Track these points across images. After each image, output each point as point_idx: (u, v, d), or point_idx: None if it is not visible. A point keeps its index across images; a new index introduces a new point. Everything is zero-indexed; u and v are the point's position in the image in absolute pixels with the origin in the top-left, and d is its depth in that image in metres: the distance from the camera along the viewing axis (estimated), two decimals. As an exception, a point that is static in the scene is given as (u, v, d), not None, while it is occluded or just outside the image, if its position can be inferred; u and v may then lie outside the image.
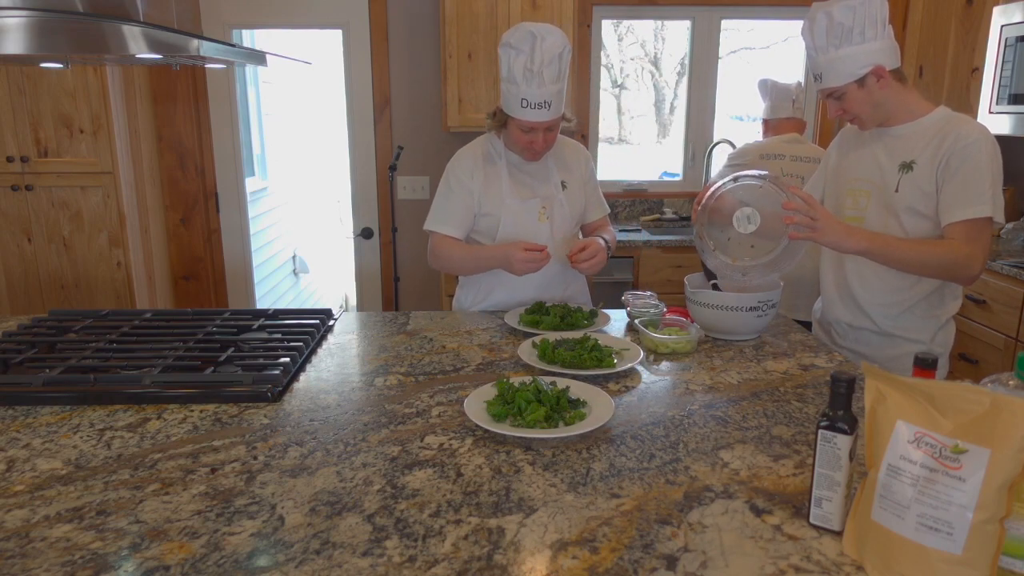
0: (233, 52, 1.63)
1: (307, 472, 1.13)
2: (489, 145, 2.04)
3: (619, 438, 1.25)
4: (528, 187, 2.03)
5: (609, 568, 0.89)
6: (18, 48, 1.28)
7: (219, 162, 3.78)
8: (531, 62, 1.78)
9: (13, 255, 3.19)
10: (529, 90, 1.81)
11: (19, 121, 3.04)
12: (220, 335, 1.74)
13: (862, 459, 0.98)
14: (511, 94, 1.84)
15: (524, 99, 1.82)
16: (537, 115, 1.84)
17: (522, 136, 1.91)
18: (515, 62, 1.80)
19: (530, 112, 1.83)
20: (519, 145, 1.94)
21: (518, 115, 1.86)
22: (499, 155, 2.02)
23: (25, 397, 1.39)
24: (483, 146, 2.04)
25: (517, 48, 1.79)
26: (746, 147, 2.92)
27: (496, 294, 2.08)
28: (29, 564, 0.89)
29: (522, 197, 2.01)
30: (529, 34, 1.77)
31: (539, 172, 2.04)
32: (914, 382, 0.85)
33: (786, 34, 4.05)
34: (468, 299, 2.14)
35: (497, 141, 2.04)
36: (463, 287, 2.17)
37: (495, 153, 2.03)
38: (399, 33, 3.67)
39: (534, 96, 1.81)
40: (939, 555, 0.82)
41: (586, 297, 2.21)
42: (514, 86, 1.83)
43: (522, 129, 1.89)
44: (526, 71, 1.79)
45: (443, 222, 2.00)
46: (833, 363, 1.63)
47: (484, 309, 2.09)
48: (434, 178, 3.81)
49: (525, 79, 1.80)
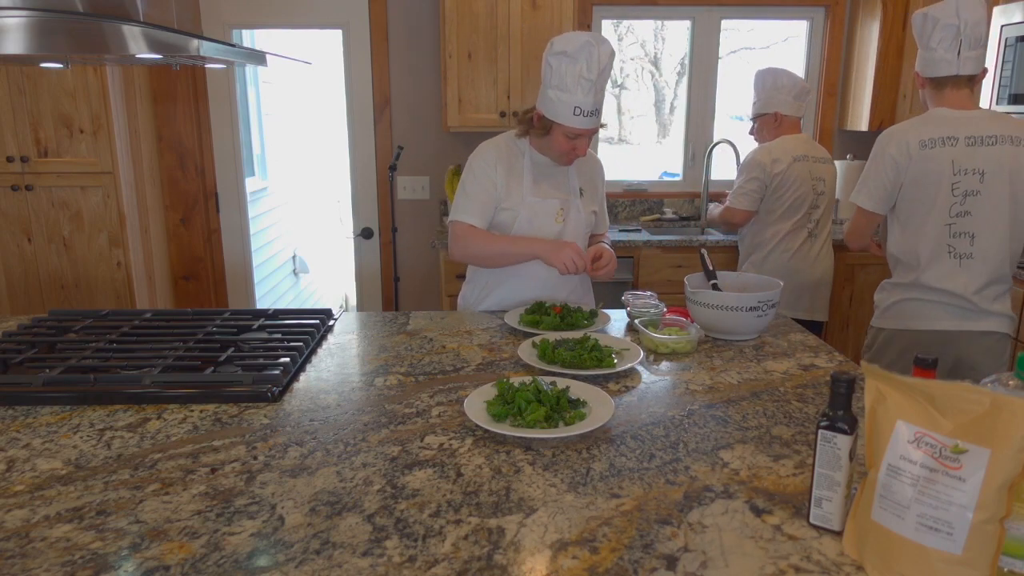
0: (233, 52, 1.63)
1: (307, 472, 1.13)
2: (512, 142, 2.04)
3: (619, 438, 1.25)
4: (548, 187, 2.04)
5: (609, 568, 0.89)
6: (18, 48, 1.28)
7: (219, 162, 3.78)
8: (587, 71, 1.79)
9: (13, 255, 3.19)
10: (585, 98, 1.82)
11: (19, 121, 3.04)
12: (220, 335, 1.74)
13: (862, 459, 0.98)
14: (562, 101, 1.83)
15: (578, 107, 1.83)
16: (588, 122, 1.85)
17: (566, 142, 1.90)
18: (569, 70, 1.80)
19: (581, 120, 1.84)
20: (559, 150, 1.94)
21: (570, 122, 1.85)
22: (522, 153, 2.02)
23: (25, 397, 1.39)
24: (506, 142, 2.04)
25: (573, 56, 1.79)
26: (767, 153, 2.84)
27: (499, 291, 2.09)
28: (29, 564, 0.89)
29: (542, 196, 2.02)
30: (587, 43, 1.78)
31: (559, 175, 2.05)
32: (914, 382, 0.85)
33: (786, 34, 4.05)
34: (473, 295, 2.15)
35: (521, 140, 2.03)
36: (470, 283, 2.17)
37: (517, 150, 2.03)
38: (399, 33, 3.67)
39: (587, 104, 1.83)
40: (939, 555, 0.82)
41: (591, 300, 2.22)
42: (567, 93, 1.82)
43: (568, 136, 1.89)
44: (581, 79, 1.80)
45: (469, 212, 1.98)
46: (833, 363, 1.63)
47: (487, 308, 2.10)
48: (434, 178, 3.83)
49: (581, 87, 1.81)
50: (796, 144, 2.87)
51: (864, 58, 3.64)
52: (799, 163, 2.82)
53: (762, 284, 1.89)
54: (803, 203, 2.83)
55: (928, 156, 1.99)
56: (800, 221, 2.86)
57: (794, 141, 2.88)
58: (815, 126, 3.92)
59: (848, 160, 3.81)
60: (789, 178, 2.81)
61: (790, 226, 2.85)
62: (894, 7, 3.46)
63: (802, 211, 2.85)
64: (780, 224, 2.86)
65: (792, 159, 2.81)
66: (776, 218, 2.87)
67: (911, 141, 2.01)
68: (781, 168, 2.80)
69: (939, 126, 2.00)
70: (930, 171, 1.99)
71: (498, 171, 1.98)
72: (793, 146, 2.85)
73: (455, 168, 3.68)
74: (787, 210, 2.84)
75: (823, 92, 3.86)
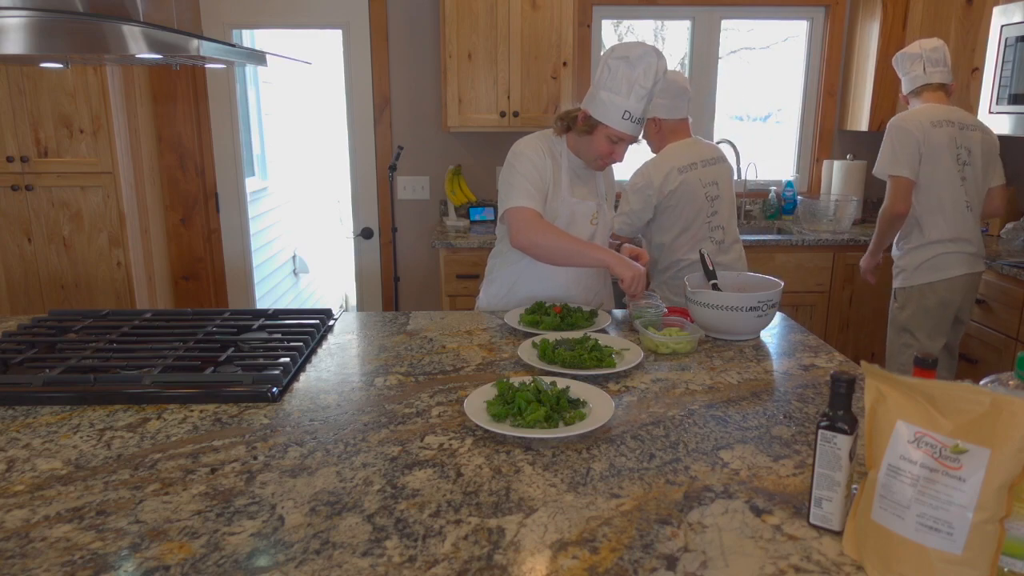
0: (233, 52, 1.63)
1: (307, 472, 1.13)
2: (551, 141, 2.04)
3: (619, 438, 1.25)
4: (583, 190, 2.06)
5: (609, 568, 0.89)
6: (18, 48, 1.28)
7: (219, 162, 3.78)
8: (644, 78, 1.81)
9: (13, 255, 3.19)
10: (636, 105, 1.84)
11: (19, 121, 3.04)
12: (220, 335, 1.74)
13: (862, 459, 0.98)
14: (613, 104, 1.85)
15: (628, 112, 1.85)
16: (633, 128, 1.88)
17: (606, 146, 1.92)
18: (627, 74, 1.82)
19: (628, 125, 1.86)
20: (597, 152, 1.94)
21: (616, 125, 1.87)
22: (560, 152, 2.03)
23: (25, 397, 1.39)
24: (546, 140, 2.04)
25: (634, 63, 1.81)
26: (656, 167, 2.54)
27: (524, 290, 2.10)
28: (29, 564, 0.89)
29: (580, 197, 2.04)
30: (648, 52, 1.82)
31: (590, 179, 2.09)
32: (914, 382, 0.85)
33: (786, 34, 4.05)
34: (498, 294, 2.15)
35: (559, 141, 2.04)
36: (493, 282, 2.16)
37: (556, 151, 2.04)
38: (399, 33, 3.67)
39: (637, 111, 1.85)
40: (939, 555, 0.82)
41: (611, 299, 2.25)
42: (619, 97, 1.84)
43: (611, 139, 1.90)
44: (636, 85, 1.82)
45: (530, 197, 1.92)
46: (833, 363, 1.63)
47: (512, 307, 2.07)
48: (434, 178, 3.83)
49: (635, 93, 1.83)
50: (681, 152, 2.55)
51: (864, 58, 3.64)
52: (685, 174, 2.49)
53: (762, 284, 1.89)
54: (698, 216, 2.52)
55: (937, 133, 2.60)
56: (699, 235, 2.55)
57: (679, 149, 2.56)
58: (815, 126, 3.93)
59: (848, 160, 3.82)
60: (679, 195, 2.49)
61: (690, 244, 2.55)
62: (894, 7, 3.46)
63: (698, 224, 2.54)
64: (680, 243, 2.56)
65: (677, 172, 2.49)
66: (673, 238, 2.55)
67: (923, 121, 2.61)
68: (671, 187, 2.48)
69: (938, 113, 2.63)
70: (940, 144, 2.60)
71: (546, 163, 1.99)
72: (678, 156, 2.53)
73: (455, 168, 3.68)
74: (683, 228, 2.54)
75: (823, 92, 3.86)
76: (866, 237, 3.41)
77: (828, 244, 3.39)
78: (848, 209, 3.55)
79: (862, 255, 2.96)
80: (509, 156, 2.00)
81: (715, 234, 2.58)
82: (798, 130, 3.99)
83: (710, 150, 2.62)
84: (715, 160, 2.59)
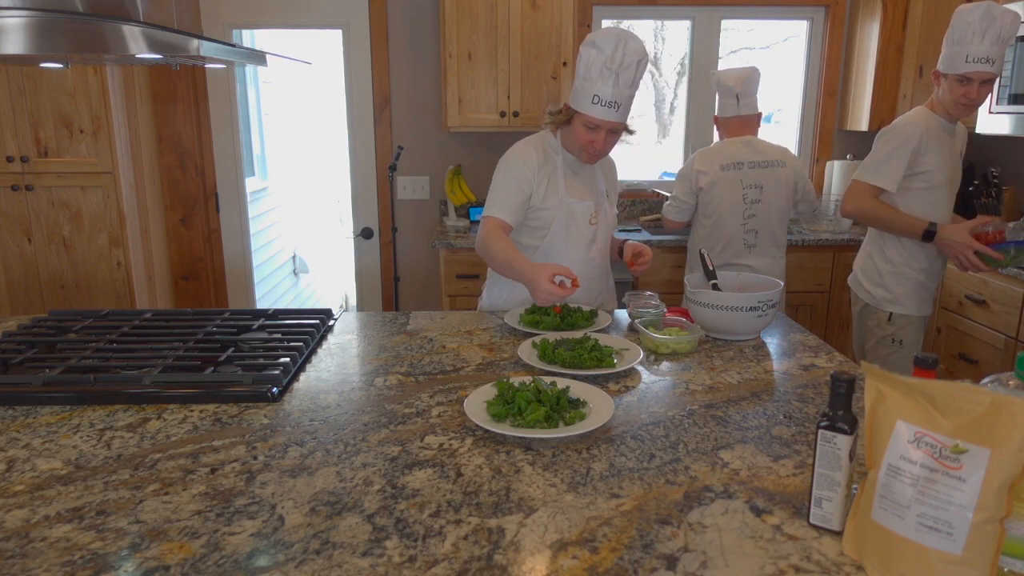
0: (233, 52, 1.63)
1: (307, 472, 1.13)
2: (547, 142, 2.05)
3: (619, 438, 1.25)
4: (581, 189, 2.06)
5: (609, 568, 0.89)
6: (18, 48, 1.28)
7: (219, 162, 3.78)
8: (611, 61, 1.80)
9: (13, 255, 3.19)
10: (604, 88, 1.83)
11: (19, 121, 3.04)
12: (220, 335, 1.74)
13: (862, 459, 0.98)
14: (584, 90, 1.86)
15: (596, 95, 1.84)
16: (605, 113, 1.86)
17: (585, 134, 1.92)
18: (595, 60, 1.82)
19: (599, 109, 1.85)
20: (579, 143, 1.95)
21: (587, 111, 1.87)
22: (556, 152, 2.04)
23: (25, 397, 1.39)
24: (541, 141, 2.05)
25: (600, 47, 1.81)
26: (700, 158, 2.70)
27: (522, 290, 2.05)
28: (29, 564, 0.89)
29: (578, 197, 2.04)
30: (615, 35, 1.81)
31: (589, 177, 2.09)
32: (914, 382, 0.85)
33: (786, 34, 4.05)
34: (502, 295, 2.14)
35: (554, 139, 2.05)
36: (497, 283, 2.16)
37: (552, 150, 2.04)
38: (399, 33, 3.67)
39: (607, 94, 1.84)
40: (939, 555, 0.82)
41: (613, 299, 2.25)
42: (588, 82, 1.85)
43: (587, 126, 1.90)
44: (604, 69, 1.81)
45: (499, 207, 1.97)
46: (833, 363, 1.63)
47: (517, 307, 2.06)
48: (434, 178, 3.83)
49: (601, 76, 1.82)
50: (731, 148, 2.67)
51: (864, 58, 3.64)
52: (727, 171, 2.63)
53: (762, 284, 1.89)
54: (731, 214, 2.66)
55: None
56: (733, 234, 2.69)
57: (731, 144, 2.68)
58: (815, 126, 3.93)
59: (848, 160, 3.81)
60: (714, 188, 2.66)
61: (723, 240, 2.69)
62: (894, 7, 3.46)
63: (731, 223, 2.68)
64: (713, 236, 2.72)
65: (719, 168, 2.63)
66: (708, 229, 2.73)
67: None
68: (707, 180, 2.65)
69: None
70: None
71: (535, 171, 1.99)
72: (726, 151, 2.66)
73: (455, 168, 3.68)
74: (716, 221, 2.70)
75: (823, 92, 3.86)
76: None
77: (828, 244, 3.39)
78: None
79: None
80: (499, 161, 2.04)
81: (748, 237, 2.71)
82: (798, 130, 3.99)
83: (766, 153, 2.69)
84: (767, 164, 2.67)
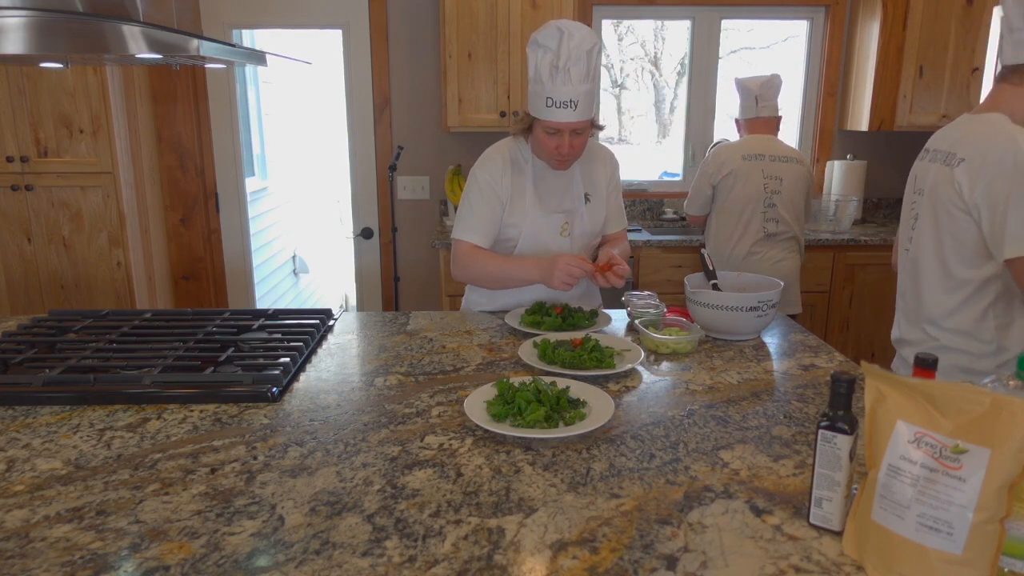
0: (233, 52, 1.63)
1: (307, 472, 1.13)
2: (516, 149, 1.95)
3: (619, 438, 1.25)
4: (552, 199, 1.94)
5: (609, 568, 0.89)
6: (18, 48, 1.28)
7: (219, 162, 3.78)
8: (557, 59, 1.69)
9: (13, 255, 3.19)
10: (555, 88, 1.71)
11: (19, 121, 3.04)
12: (220, 335, 1.74)
13: (862, 459, 0.98)
14: (536, 94, 1.76)
15: (550, 98, 1.73)
16: (563, 115, 1.74)
17: (548, 140, 1.81)
18: (542, 60, 1.72)
19: (556, 112, 1.73)
20: (545, 151, 1.84)
21: (543, 116, 1.76)
22: (526, 160, 1.93)
23: (25, 397, 1.39)
24: (510, 148, 1.95)
25: (544, 45, 1.71)
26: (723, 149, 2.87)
27: (504, 296, 2.04)
28: (29, 564, 0.89)
29: (546, 210, 1.93)
30: (556, 30, 1.69)
31: (564, 182, 1.96)
32: (914, 382, 0.85)
33: (786, 34, 4.05)
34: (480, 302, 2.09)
35: (524, 145, 1.95)
36: (476, 289, 2.10)
37: (522, 158, 1.94)
38: (399, 33, 3.67)
39: (560, 94, 1.71)
40: (939, 555, 0.82)
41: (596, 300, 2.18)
42: (539, 85, 1.74)
43: (547, 132, 1.79)
44: (552, 68, 1.70)
45: (472, 230, 1.90)
46: (833, 363, 1.63)
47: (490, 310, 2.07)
48: (434, 178, 3.83)
49: (551, 77, 1.71)
50: (753, 144, 2.83)
51: (864, 58, 3.64)
52: (748, 161, 2.78)
53: (762, 284, 1.89)
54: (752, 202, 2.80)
55: None
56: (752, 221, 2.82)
57: (751, 140, 2.85)
58: (815, 126, 3.93)
59: (848, 160, 3.81)
60: (736, 177, 2.79)
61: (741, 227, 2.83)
62: (894, 7, 3.46)
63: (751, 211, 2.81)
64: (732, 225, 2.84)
65: (740, 158, 2.78)
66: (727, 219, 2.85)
67: None
68: (728, 169, 2.79)
69: None
70: None
71: (503, 184, 1.90)
72: (748, 145, 2.82)
73: (455, 168, 3.68)
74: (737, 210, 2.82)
75: (823, 92, 3.86)
76: (866, 237, 3.41)
77: (828, 244, 3.39)
78: (848, 209, 3.55)
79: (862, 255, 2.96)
80: (468, 176, 1.96)
81: (768, 226, 2.81)
82: (798, 130, 3.99)
83: (786, 150, 2.84)
84: (788, 159, 2.81)
